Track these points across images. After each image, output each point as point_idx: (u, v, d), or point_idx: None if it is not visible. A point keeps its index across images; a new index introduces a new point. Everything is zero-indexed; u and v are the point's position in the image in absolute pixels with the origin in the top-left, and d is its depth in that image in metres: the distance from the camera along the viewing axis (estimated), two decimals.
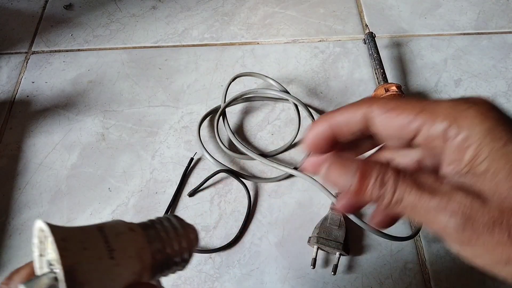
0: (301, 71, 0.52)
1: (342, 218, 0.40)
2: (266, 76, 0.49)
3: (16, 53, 0.55)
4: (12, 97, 0.51)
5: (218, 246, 0.40)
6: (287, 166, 0.42)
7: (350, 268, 0.39)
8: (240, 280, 0.38)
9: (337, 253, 0.38)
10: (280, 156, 0.46)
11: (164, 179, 0.44)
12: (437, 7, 0.59)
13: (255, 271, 0.39)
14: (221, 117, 0.46)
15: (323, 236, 0.38)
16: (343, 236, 0.38)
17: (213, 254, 0.40)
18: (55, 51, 0.55)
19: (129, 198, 0.43)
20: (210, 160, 0.44)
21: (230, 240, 0.40)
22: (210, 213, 0.42)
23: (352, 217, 0.38)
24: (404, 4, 0.59)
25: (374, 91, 0.46)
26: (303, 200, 0.43)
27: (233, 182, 0.44)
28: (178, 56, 0.54)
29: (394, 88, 0.44)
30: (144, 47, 0.56)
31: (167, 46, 0.55)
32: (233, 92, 0.49)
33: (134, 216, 0.42)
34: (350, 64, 0.53)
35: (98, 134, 0.48)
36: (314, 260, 0.38)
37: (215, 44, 0.56)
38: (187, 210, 0.42)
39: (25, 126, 0.48)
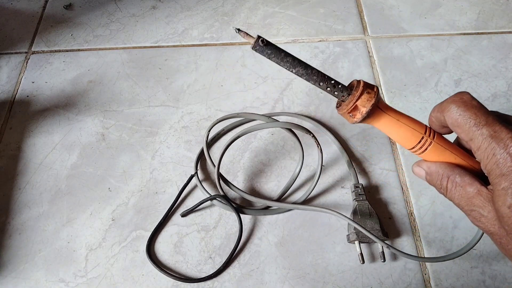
0: None
1: (369, 206, 0.40)
2: (248, 113, 0.44)
3: (16, 53, 0.55)
4: (12, 97, 0.51)
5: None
6: (291, 203, 0.42)
7: (350, 267, 0.39)
8: (240, 280, 0.38)
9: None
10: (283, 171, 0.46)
11: (164, 179, 0.44)
12: (437, 7, 0.59)
13: (255, 271, 0.39)
14: (220, 179, 0.41)
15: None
16: (378, 223, 0.39)
17: (213, 254, 0.40)
18: (55, 51, 0.55)
19: (129, 198, 0.43)
20: (203, 193, 0.43)
21: (230, 250, 0.40)
22: (210, 213, 0.42)
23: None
24: (404, 4, 0.60)
25: None
26: None
27: None
28: (178, 56, 0.54)
29: None
30: (144, 47, 0.56)
31: (167, 46, 0.55)
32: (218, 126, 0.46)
33: (134, 216, 0.42)
34: (350, 64, 0.53)
35: (98, 134, 0.48)
36: (361, 255, 0.37)
37: (215, 44, 0.56)
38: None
39: (25, 126, 0.48)
